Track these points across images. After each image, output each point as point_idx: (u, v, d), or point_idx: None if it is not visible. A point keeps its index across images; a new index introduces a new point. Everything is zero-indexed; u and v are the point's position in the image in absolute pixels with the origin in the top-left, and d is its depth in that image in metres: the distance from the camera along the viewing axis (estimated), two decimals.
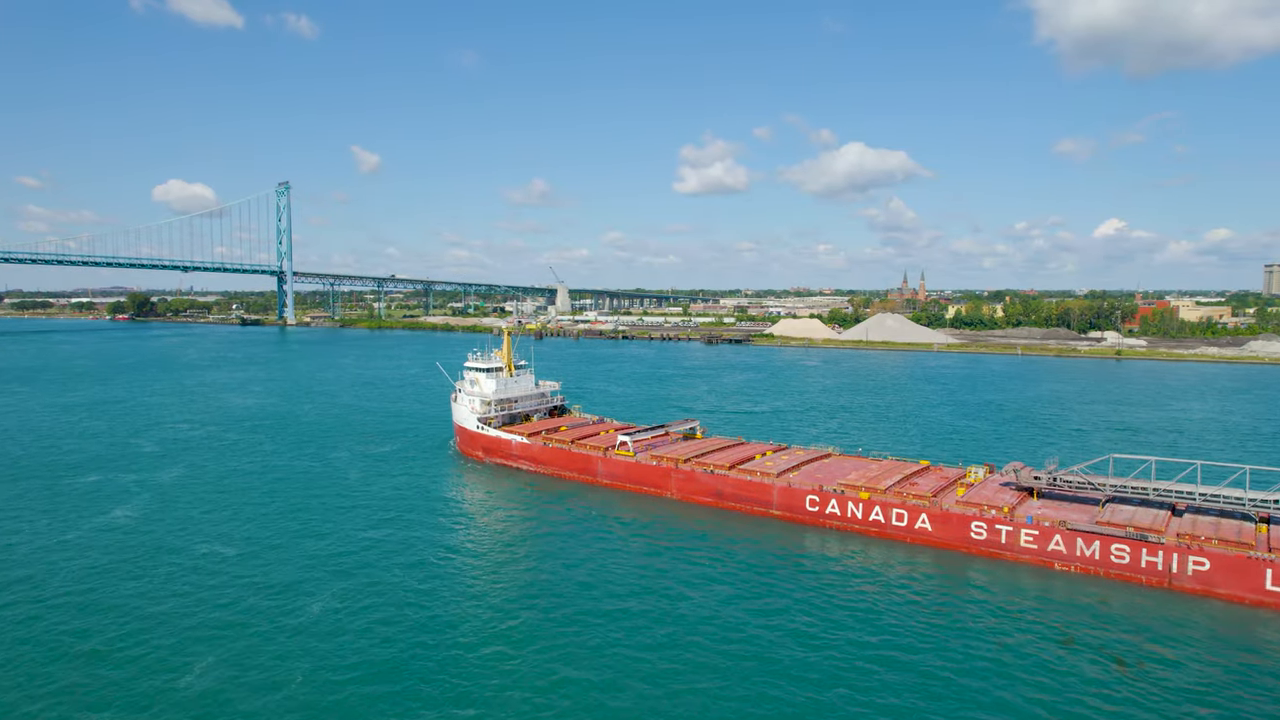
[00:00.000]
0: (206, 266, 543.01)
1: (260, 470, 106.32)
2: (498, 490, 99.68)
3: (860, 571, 71.17)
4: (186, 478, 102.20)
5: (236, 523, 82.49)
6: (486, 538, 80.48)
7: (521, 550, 76.50)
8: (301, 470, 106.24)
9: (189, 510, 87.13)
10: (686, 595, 64.40)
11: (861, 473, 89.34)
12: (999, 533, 74.48)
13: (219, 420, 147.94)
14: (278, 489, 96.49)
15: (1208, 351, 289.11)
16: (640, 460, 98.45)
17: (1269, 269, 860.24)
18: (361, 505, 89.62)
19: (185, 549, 74.10)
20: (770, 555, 75.12)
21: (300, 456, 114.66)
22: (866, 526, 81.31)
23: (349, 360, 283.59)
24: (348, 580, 66.46)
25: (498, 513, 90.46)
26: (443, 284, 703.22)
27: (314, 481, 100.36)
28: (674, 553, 75.43)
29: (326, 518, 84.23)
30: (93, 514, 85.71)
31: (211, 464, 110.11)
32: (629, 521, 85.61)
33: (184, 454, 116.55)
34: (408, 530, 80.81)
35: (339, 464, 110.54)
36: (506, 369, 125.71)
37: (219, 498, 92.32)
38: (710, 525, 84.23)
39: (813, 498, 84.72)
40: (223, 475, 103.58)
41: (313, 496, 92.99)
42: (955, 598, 65.27)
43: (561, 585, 66.55)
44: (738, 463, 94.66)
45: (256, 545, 75.16)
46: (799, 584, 67.56)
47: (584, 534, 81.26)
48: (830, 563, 73.48)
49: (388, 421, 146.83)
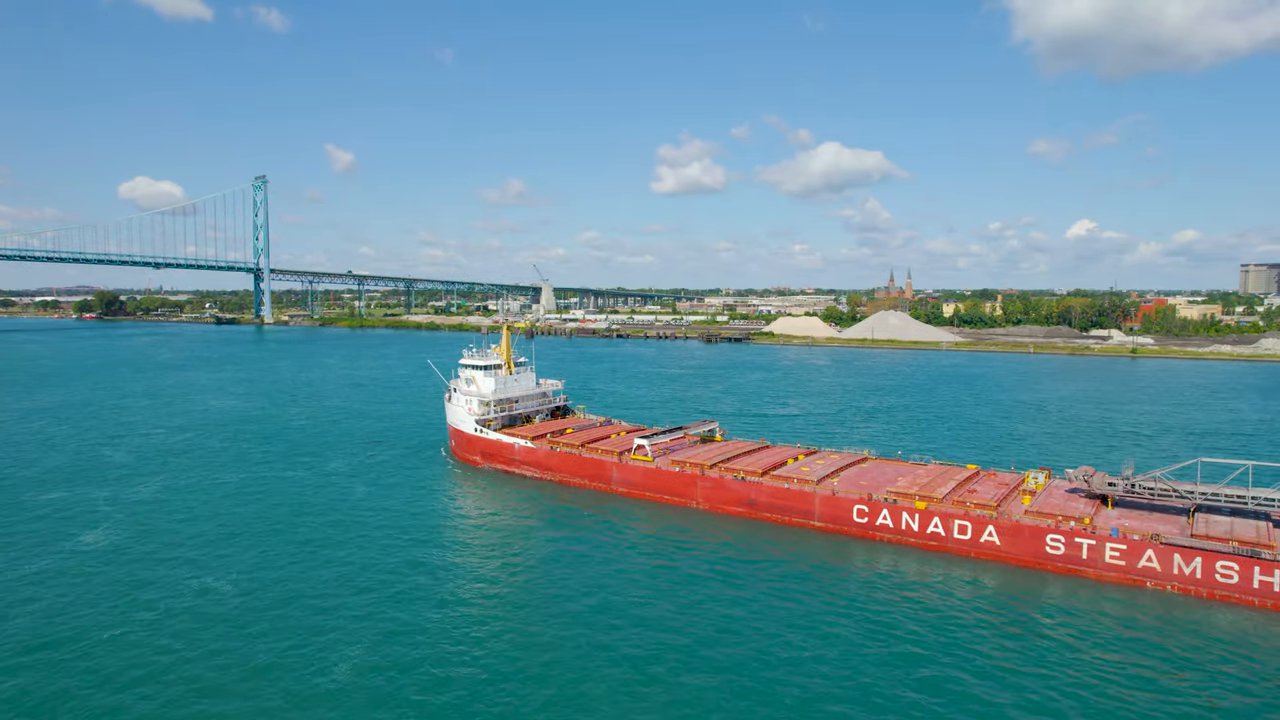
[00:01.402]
0: (179, 263, 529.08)
1: (248, 483, 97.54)
2: (502, 501, 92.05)
3: (920, 592, 64.67)
4: (165, 493, 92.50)
5: (229, 549, 72.81)
6: (500, 562, 72.32)
7: (535, 575, 68.33)
8: (295, 483, 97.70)
9: (171, 534, 77.24)
10: (727, 623, 57.62)
11: (910, 479, 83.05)
12: (1079, 547, 68.16)
13: (199, 425, 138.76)
14: (270, 506, 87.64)
15: (1221, 350, 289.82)
16: (661, 466, 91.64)
17: (1245, 269, 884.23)
18: (364, 524, 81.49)
19: (170, 585, 63.93)
20: (817, 575, 68.35)
21: (292, 466, 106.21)
22: (923, 539, 74.75)
23: (333, 360, 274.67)
24: (369, 625, 56.68)
25: (506, 529, 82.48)
26: (425, 282, 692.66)
27: (309, 496, 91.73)
28: (707, 573, 68.22)
29: (328, 541, 75.34)
30: (56, 540, 75.07)
31: (193, 476, 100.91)
32: (652, 535, 78.69)
33: (161, 465, 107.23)
34: (416, 553, 72.73)
35: (335, 475, 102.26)
36: (506, 367, 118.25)
37: (205, 518, 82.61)
38: (743, 539, 77.47)
39: (861, 507, 78.11)
40: (207, 490, 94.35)
41: (310, 514, 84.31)
42: (1034, 623, 58.67)
43: (586, 617, 58.95)
44: (770, 468, 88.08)
45: (256, 580, 64.96)
46: (853, 609, 60.67)
47: (602, 552, 73.85)
48: (884, 582, 66.87)
49: (382, 425, 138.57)
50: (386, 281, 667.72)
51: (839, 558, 72.25)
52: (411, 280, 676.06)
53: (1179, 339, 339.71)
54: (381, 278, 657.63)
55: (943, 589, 65.06)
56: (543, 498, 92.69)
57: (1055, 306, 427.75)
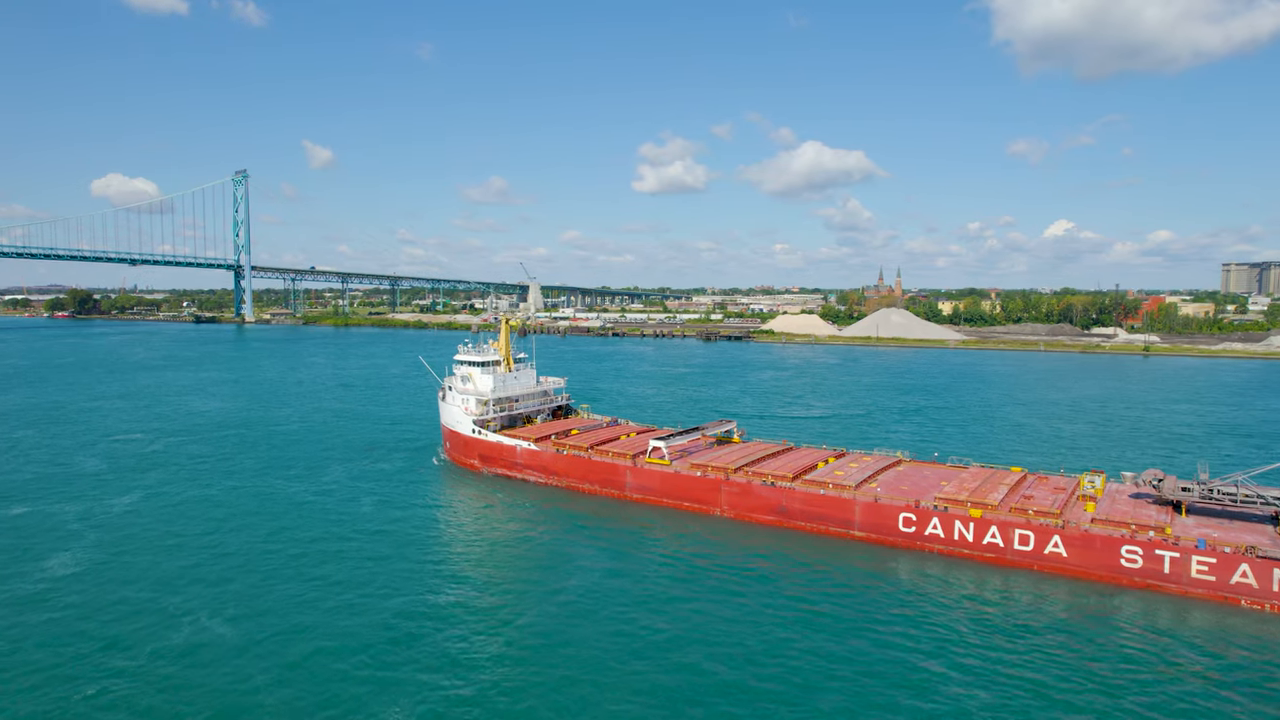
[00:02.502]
0: (156, 260, 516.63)
1: (237, 495, 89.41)
2: (506, 511, 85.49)
3: (981, 609, 59.09)
4: (145, 508, 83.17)
5: (221, 576, 63.33)
6: (510, 589, 65.28)
7: (553, 603, 61.21)
8: (288, 496, 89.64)
9: (153, 557, 67.79)
10: (768, 649, 51.71)
11: (956, 484, 77.65)
12: (1159, 560, 62.62)
13: (180, 429, 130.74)
14: (263, 522, 79.74)
15: (1232, 347, 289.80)
16: (680, 470, 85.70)
17: (1226, 268, 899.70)
18: (364, 548, 74.33)
19: (154, 624, 54.05)
20: (863, 592, 62.56)
21: (284, 476, 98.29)
22: (979, 551, 69.23)
23: (320, 359, 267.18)
24: (394, 693, 49.82)
25: (513, 545, 75.30)
26: (410, 279, 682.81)
27: (305, 513, 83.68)
28: (740, 592, 62.08)
29: (336, 567, 67.05)
30: (19, 566, 65.47)
31: (175, 487, 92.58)
32: (674, 548, 72.63)
33: (140, 474, 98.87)
34: (422, 588, 65.71)
35: (332, 486, 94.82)
36: (505, 363, 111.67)
37: (191, 538, 73.21)
38: (776, 551, 71.63)
39: (908, 516, 72.51)
40: (191, 503, 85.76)
41: (306, 534, 76.57)
42: (1114, 645, 53.00)
43: (610, 645, 52.62)
44: (800, 473, 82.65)
45: (259, 621, 54.71)
46: (909, 630, 54.99)
47: (622, 568, 67.35)
48: (940, 599, 61.17)
49: (380, 428, 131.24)
50: (371, 279, 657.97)
51: (885, 571, 66.72)
52: (396, 278, 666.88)
53: (1183, 337, 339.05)
54: (366, 275, 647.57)
55: (1006, 606, 59.70)
56: (549, 506, 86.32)
57: (1056, 304, 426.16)
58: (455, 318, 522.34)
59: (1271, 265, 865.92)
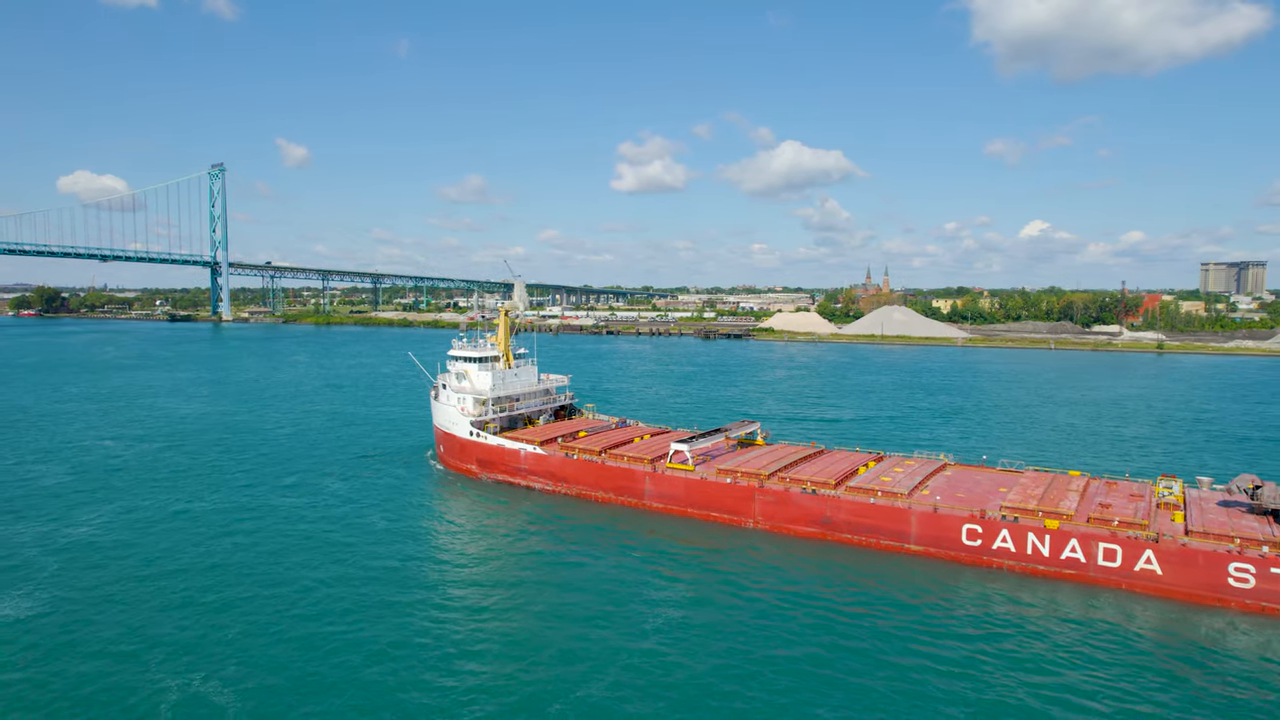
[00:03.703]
0: (128, 256, 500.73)
1: (224, 513, 79.33)
2: (512, 523, 77.42)
3: (1070, 637, 52.20)
4: (117, 530, 72.10)
5: (212, 625, 52.00)
6: (534, 614, 57.50)
7: (572, 633, 53.26)
8: (283, 513, 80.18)
9: (128, 593, 57.07)
10: (837, 682, 44.71)
11: (1020, 492, 70.80)
12: (1276, 580, 55.68)
13: (156, 434, 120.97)
14: (257, 542, 70.63)
15: (1244, 345, 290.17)
16: (707, 477, 78.44)
17: (1205, 267, 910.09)
18: (378, 575, 66.01)
19: (133, 689, 43.48)
20: (932, 615, 55.41)
21: (276, 488, 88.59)
22: (1057, 567, 62.47)
23: (303, 358, 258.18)
24: None
25: (524, 561, 67.03)
26: (393, 277, 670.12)
27: (301, 532, 75.11)
28: (789, 617, 54.50)
29: (355, 609, 56.35)
30: None
31: (153, 503, 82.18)
32: (706, 565, 65.41)
33: (111, 488, 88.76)
34: (446, 629, 57.77)
35: (332, 499, 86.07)
36: (504, 359, 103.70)
37: (173, 569, 62.17)
38: (822, 567, 64.69)
39: (972, 527, 65.59)
40: (171, 524, 74.49)
41: (308, 559, 68.05)
42: (1232, 681, 46.09)
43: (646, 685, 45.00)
44: (843, 479, 75.74)
45: (264, 686, 44.18)
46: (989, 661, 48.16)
47: (650, 592, 59.47)
48: (1019, 622, 54.33)
49: (379, 432, 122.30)
50: (352, 277, 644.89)
51: (949, 591, 60.03)
52: (378, 275, 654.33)
53: (1187, 335, 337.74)
54: (347, 273, 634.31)
55: (1095, 632, 53.04)
56: (558, 517, 78.57)
57: (1055, 302, 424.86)
58: (441, 316, 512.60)
59: (1250, 265, 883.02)
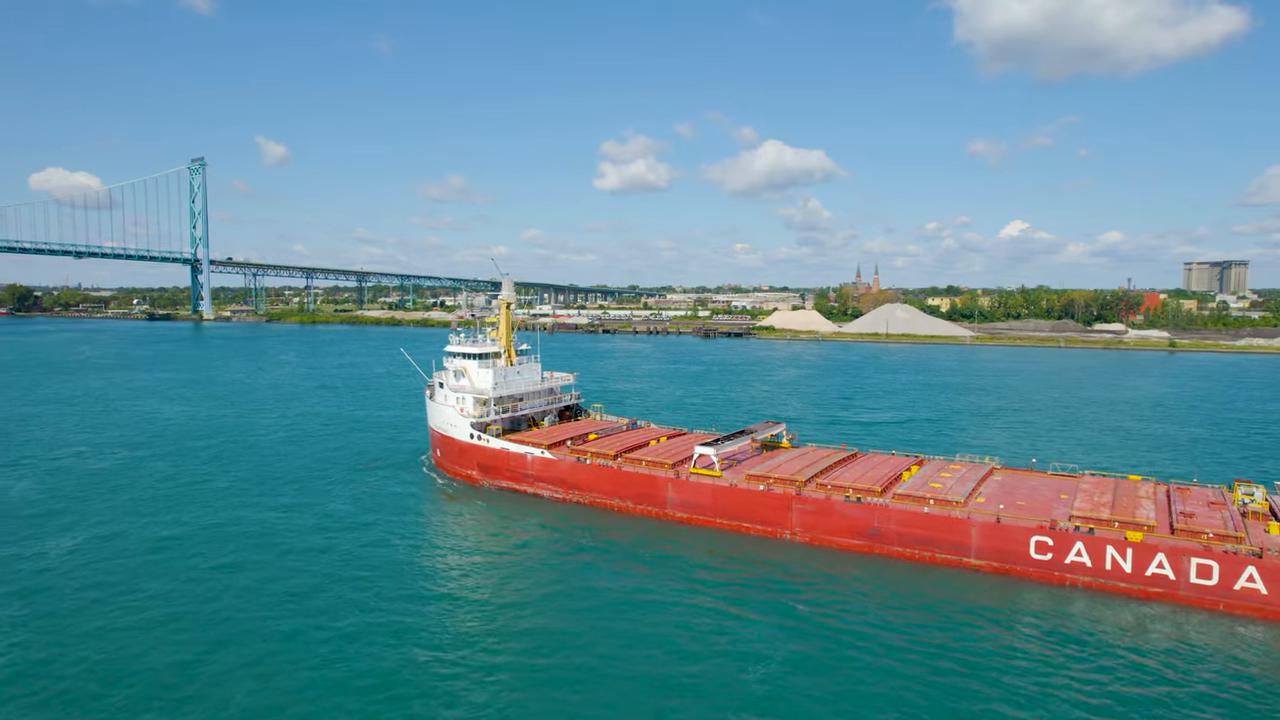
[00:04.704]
0: (104, 253, 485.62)
1: (216, 534, 69.59)
2: (522, 536, 69.66)
3: (1166, 665, 45.88)
4: (90, 557, 61.57)
5: (208, 679, 42.73)
6: (557, 645, 49.11)
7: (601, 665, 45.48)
8: (284, 533, 71.42)
9: (103, 638, 47.61)
10: None
11: (1087, 499, 64.09)
12: None
13: (136, 441, 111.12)
14: (252, 578, 60.88)
15: (1254, 343, 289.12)
16: (737, 484, 71.41)
17: (1188, 267, 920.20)
18: (391, 607, 57.51)
19: None
20: (1004, 639, 48.27)
21: (274, 504, 79.09)
22: (1141, 585, 55.96)
23: (289, 357, 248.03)
24: None
25: (539, 579, 58.85)
26: (378, 275, 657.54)
27: (300, 551, 66.47)
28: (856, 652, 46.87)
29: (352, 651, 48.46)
30: None
31: (131, 524, 70.77)
32: (746, 584, 58.12)
33: (85, 504, 78.17)
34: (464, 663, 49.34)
35: (336, 513, 77.40)
36: (506, 355, 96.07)
37: (156, 609, 51.91)
38: (873, 585, 57.92)
39: (1041, 539, 58.96)
40: (153, 549, 64.07)
41: (314, 589, 59.49)
42: None
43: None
44: (888, 484, 69.05)
45: None
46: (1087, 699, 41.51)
47: (693, 618, 51.63)
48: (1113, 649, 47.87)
49: (381, 437, 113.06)
50: (337, 275, 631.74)
51: (1017, 610, 53.70)
52: (364, 273, 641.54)
53: (1191, 333, 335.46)
54: (332, 270, 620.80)
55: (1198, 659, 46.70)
56: (573, 528, 71.09)
57: (1056, 301, 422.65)
58: (430, 315, 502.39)
59: (1232, 264, 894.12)
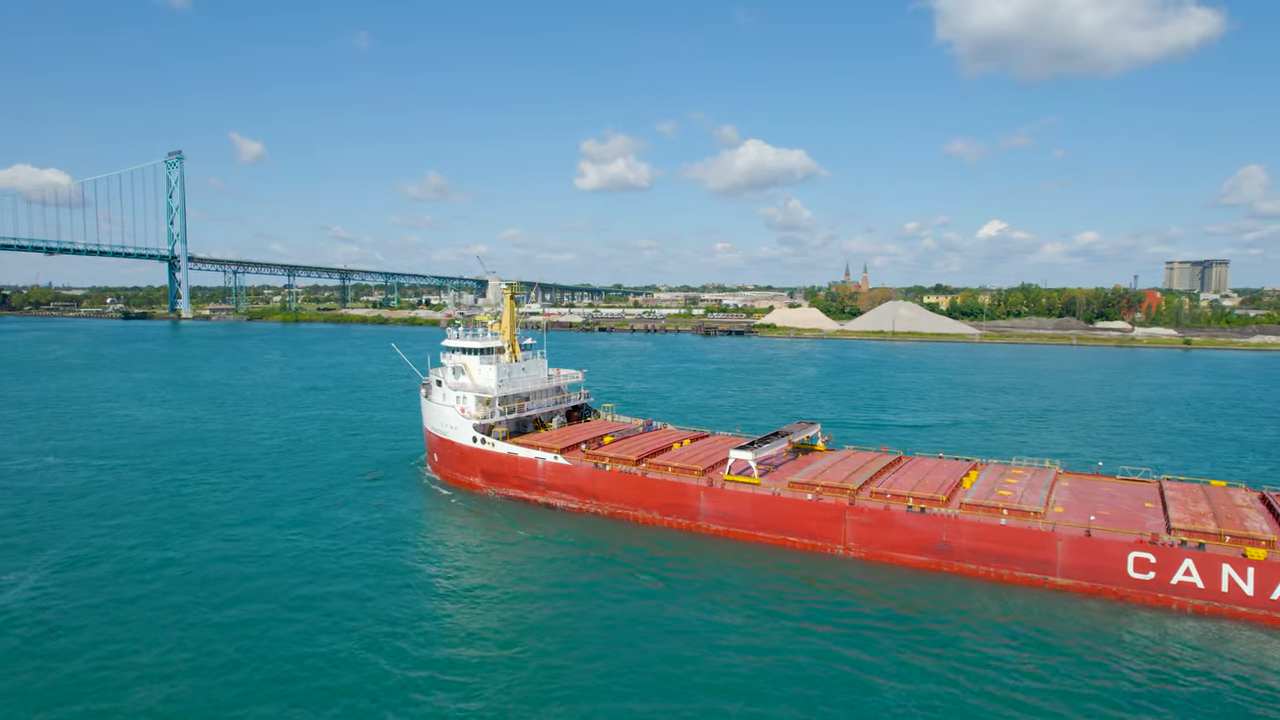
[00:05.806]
0: (77, 249, 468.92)
1: (206, 562, 60.06)
2: (537, 554, 60.99)
3: None
4: (59, 590, 52.00)
5: None
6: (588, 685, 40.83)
7: None
8: (284, 559, 62.46)
9: (79, 693, 39.45)
10: None
11: (1182, 508, 57.16)
12: None
13: (112, 449, 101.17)
14: (249, 594, 52.87)
15: (1267, 340, 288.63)
16: (780, 493, 63.67)
17: (1170, 266, 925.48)
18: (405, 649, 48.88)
19: None
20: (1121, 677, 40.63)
21: (272, 524, 70.01)
22: (1266, 609, 49.00)
23: (274, 357, 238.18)
24: None
25: (563, 608, 50.06)
26: (361, 273, 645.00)
27: (298, 583, 57.80)
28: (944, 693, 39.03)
29: None
30: None
31: (107, 547, 60.91)
32: (800, 608, 50.49)
33: (55, 525, 66.70)
34: None
35: (340, 532, 68.77)
36: (510, 351, 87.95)
37: (138, 651, 43.46)
38: (945, 608, 50.58)
39: (1142, 556, 51.87)
40: (135, 580, 54.86)
41: (311, 632, 50.78)
42: None
43: None
44: (951, 491, 61.82)
45: None
46: None
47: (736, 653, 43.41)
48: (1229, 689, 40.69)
49: (385, 442, 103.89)
50: (320, 274, 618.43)
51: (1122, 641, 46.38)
52: (347, 272, 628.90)
53: (1194, 330, 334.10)
54: (315, 268, 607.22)
55: None
56: (595, 541, 63.42)
57: (1057, 299, 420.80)
58: (417, 313, 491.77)
59: (1213, 263, 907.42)
